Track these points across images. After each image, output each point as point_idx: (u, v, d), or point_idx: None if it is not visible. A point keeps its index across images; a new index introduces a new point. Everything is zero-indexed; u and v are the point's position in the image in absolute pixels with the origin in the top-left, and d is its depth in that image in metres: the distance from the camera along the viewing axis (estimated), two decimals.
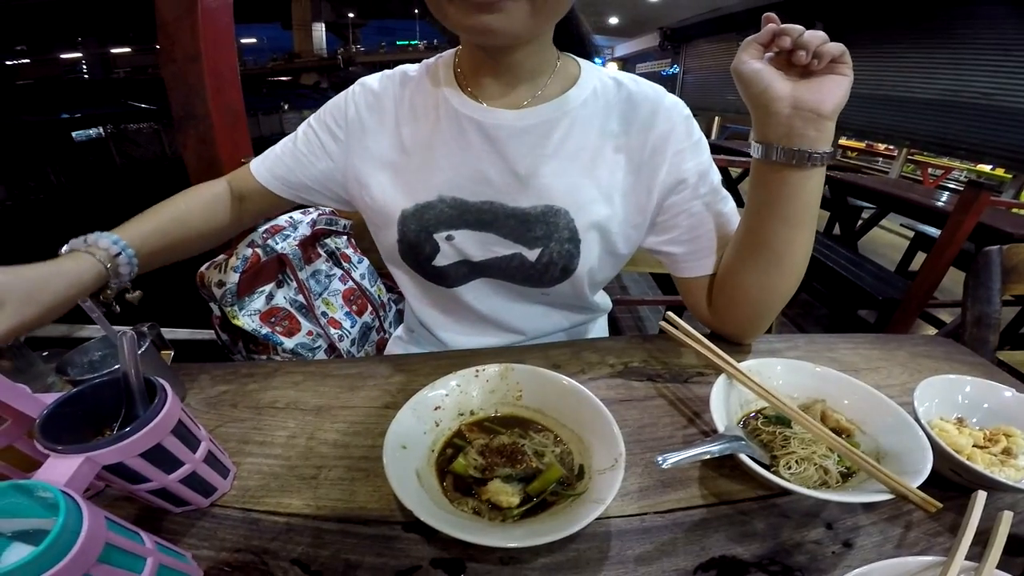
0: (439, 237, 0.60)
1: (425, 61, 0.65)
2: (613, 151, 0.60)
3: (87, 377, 0.47)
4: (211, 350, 0.84)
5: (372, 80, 0.65)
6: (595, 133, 0.60)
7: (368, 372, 0.60)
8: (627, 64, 13.77)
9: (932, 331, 2.21)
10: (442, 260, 0.62)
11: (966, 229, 1.81)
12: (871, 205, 3.13)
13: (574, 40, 0.64)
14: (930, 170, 6.18)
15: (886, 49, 5.46)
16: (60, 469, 0.32)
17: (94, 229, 0.54)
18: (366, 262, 0.96)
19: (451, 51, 0.65)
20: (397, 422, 0.42)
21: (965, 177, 6.53)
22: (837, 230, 3.44)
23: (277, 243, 0.78)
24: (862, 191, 3.00)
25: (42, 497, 0.27)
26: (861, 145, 8.05)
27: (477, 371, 0.49)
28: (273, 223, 0.82)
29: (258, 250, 0.76)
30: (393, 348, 0.81)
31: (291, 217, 0.85)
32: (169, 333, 1.04)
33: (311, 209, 0.91)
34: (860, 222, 3.29)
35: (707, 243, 0.62)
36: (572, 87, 0.60)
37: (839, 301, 2.22)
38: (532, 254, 0.60)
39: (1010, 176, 5.06)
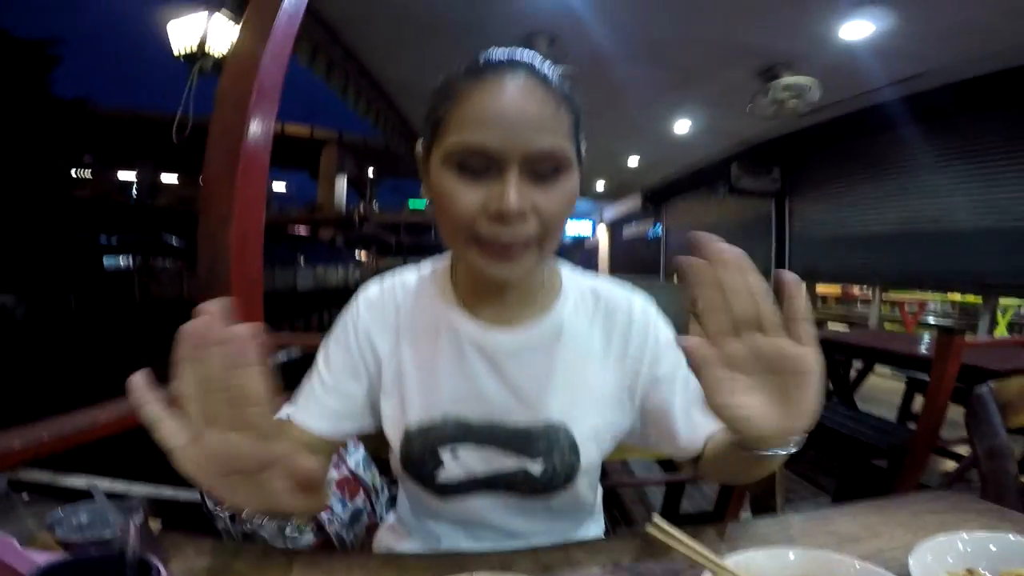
0: (444, 453, 0.62)
1: (420, 271, 0.69)
2: (600, 363, 0.65)
3: (75, 539, 0.48)
4: (195, 513, 0.82)
5: (372, 292, 0.67)
6: (583, 348, 0.65)
7: (357, 567, 0.58)
8: (615, 227, 14.78)
9: (951, 465, 2.19)
10: (446, 476, 0.62)
11: (951, 375, 1.85)
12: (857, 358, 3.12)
13: None
14: (907, 307, 6.25)
15: (842, 188, 5.72)
16: None
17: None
18: (361, 449, 0.99)
19: (446, 260, 0.68)
20: None
21: (939, 308, 6.57)
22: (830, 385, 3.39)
23: None
24: (844, 348, 3.01)
25: None
26: (837, 291, 8.26)
27: None
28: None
29: None
30: (384, 537, 0.78)
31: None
32: (154, 491, 1.02)
33: None
34: (854, 373, 3.28)
35: (678, 428, 0.64)
36: (558, 299, 0.65)
37: (846, 457, 2.16)
38: (536, 467, 0.62)
39: (980, 301, 5.01)
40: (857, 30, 3.38)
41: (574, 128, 0.55)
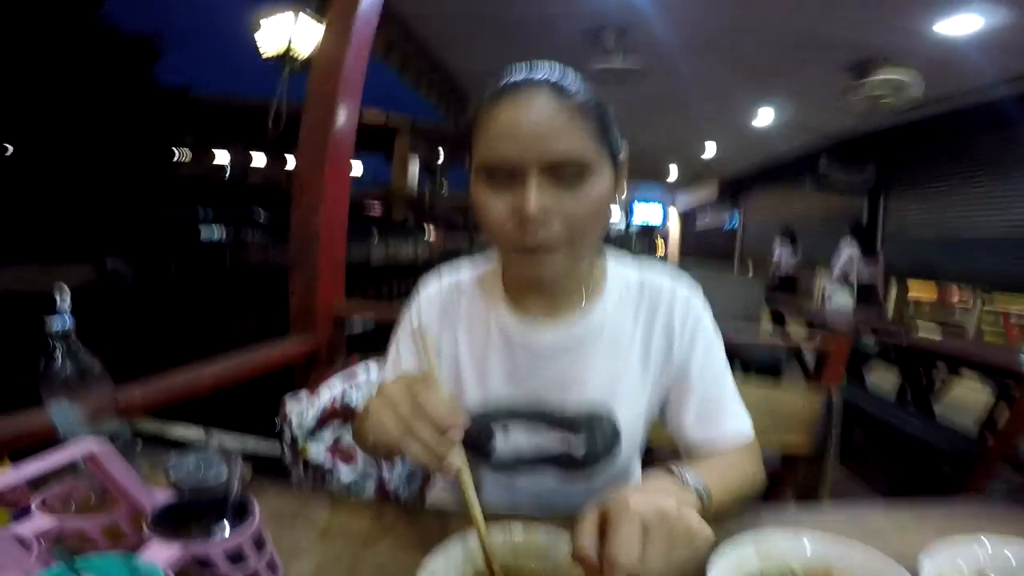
0: (496, 428, 0.69)
1: (474, 268, 0.75)
2: (642, 354, 0.69)
3: (185, 481, 0.59)
4: (274, 464, 0.96)
5: (431, 290, 0.74)
6: (626, 341, 0.69)
7: (411, 518, 0.66)
8: (687, 215, 14.21)
9: None
10: (497, 453, 0.69)
11: None
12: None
13: None
14: (1013, 317, 5.54)
15: (942, 188, 5.33)
16: (163, 554, 0.42)
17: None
18: None
19: (496, 261, 0.73)
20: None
21: None
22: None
23: (353, 398, 0.92)
24: (923, 354, 2.75)
25: (140, 571, 0.37)
26: (932, 296, 7.46)
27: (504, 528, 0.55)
28: (351, 369, 0.97)
29: (336, 402, 0.90)
30: (436, 495, 0.87)
31: (367, 364, 0.99)
32: (241, 442, 1.18)
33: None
34: (938, 383, 3.01)
35: (685, 428, 0.68)
36: (601, 295, 0.69)
37: (909, 460, 2.04)
38: (579, 446, 0.68)
39: None
40: (963, 24, 3.11)
41: (600, 131, 0.58)
